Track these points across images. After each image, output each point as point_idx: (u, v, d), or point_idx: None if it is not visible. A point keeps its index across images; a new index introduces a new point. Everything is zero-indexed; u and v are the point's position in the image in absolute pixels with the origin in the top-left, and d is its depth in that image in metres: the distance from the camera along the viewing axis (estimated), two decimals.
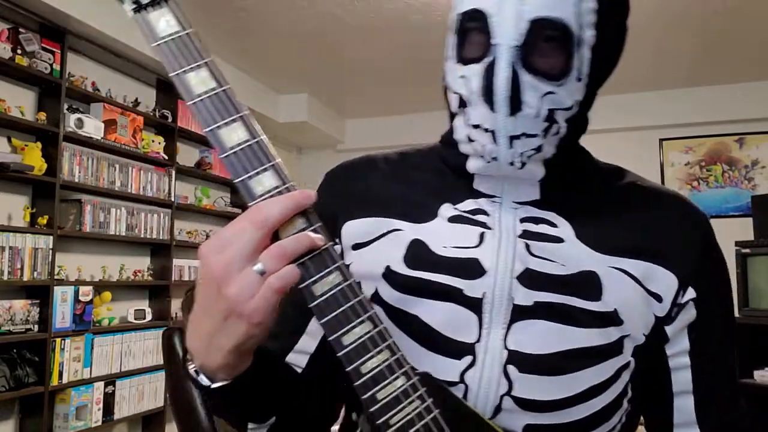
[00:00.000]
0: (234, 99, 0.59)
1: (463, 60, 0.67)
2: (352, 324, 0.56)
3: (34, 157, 3.30)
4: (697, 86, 5.13)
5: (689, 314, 0.70)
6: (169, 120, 4.34)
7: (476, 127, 0.67)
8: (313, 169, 6.73)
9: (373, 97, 5.49)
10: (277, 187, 0.57)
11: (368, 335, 0.57)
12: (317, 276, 0.56)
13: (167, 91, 4.41)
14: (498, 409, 0.64)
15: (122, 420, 3.80)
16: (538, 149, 0.67)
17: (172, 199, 4.31)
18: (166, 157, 4.27)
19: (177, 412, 1.05)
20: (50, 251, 3.33)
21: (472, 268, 0.67)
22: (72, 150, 3.57)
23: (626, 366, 0.67)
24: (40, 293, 3.31)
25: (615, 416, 0.67)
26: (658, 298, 0.68)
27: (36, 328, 3.26)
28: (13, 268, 3.15)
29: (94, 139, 3.62)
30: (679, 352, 0.70)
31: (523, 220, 0.70)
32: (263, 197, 0.57)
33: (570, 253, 0.68)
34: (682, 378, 0.70)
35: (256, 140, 0.58)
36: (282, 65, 4.78)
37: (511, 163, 0.67)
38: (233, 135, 0.58)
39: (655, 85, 5.15)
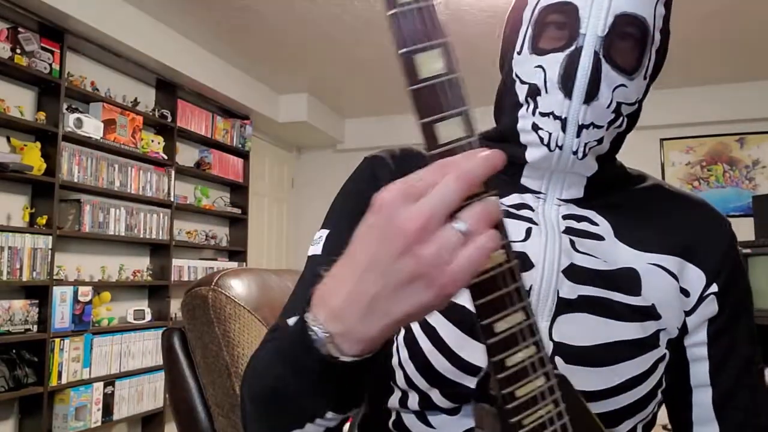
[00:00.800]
0: (437, 16, 0.49)
1: (540, 51, 0.70)
2: (509, 311, 0.50)
3: (33, 157, 3.29)
4: (698, 86, 5.13)
5: (710, 308, 0.73)
6: (169, 120, 4.33)
7: (545, 115, 0.70)
8: (313, 169, 6.75)
9: (373, 97, 5.48)
10: (467, 137, 0.48)
11: (520, 326, 0.51)
12: None
13: (167, 91, 4.41)
14: None
15: (122, 420, 3.80)
16: (600, 141, 0.70)
17: (172, 199, 4.30)
18: (166, 157, 4.26)
19: (176, 412, 1.04)
20: (49, 251, 3.32)
21: (520, 262, 0.67)
22: (71, 150, 3.57)
23: (662, 358, 0.70)
24: (40, 293, 3.31)
25: (650, 406, 0.70)
26: (686, 293, 0.72)
27: (35, 328, 3.26)
28: (12, 268, 3.14)
29: (93, 138, 3.62)
30: (696, 343, 0.73)
31: (565, 217, 0.73)
32: (446, 147, 0.47)
33: (610, 250, 0.71)
34: (699, 371, 0.73)
35: (455, 75, 0.48)
36: (282, 65, 4.77)
37: (575, 152, 0.70)
38: (433, 64, 0.47)
39: (655, 85, 5.12)
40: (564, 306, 0.68)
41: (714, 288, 0.73)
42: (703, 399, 0.73)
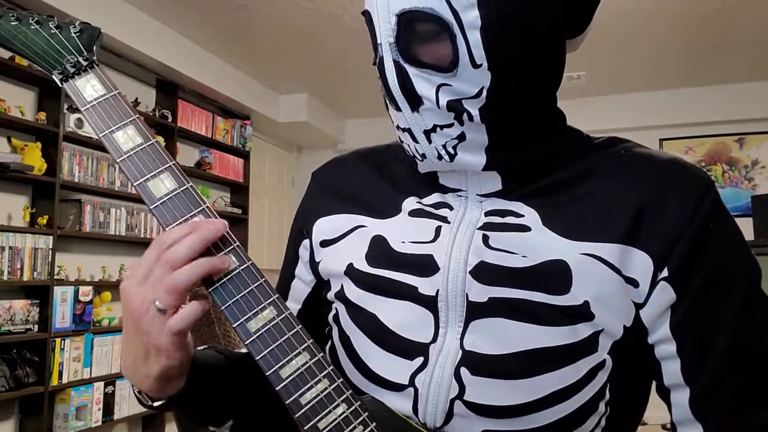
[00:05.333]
0: (162, 150, 0.62)
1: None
2: (290, 356, 0.57)
3: (34, 157, 3.30)
4: (697, 86, 5.13)
5: (665, 296, 0.61)
6: (169, 120, 4.33)
7: (399, 129, 0.66)
8: (313, 169, 6.71)
9: (373, 97, 5.48)
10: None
11: (306, 366, 0.58)
12: (251, 313, 0.58)
13: (167, 91, 4.41)
14: (450, 415, 0.61)
15: (122, 420, 3.80)
16: (461, 138, 0.62)
17: None
18: None
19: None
20: (50, 251, 3.33)
21: (426, 265, 0.65)
22: (72, 150, 3.57)
23: (601, 365, 0.61)
24: (40, 293, 3.31)
25: (589, 420, 0.61)
26: (635, 284, 0.61)
27: (36, 328, 3.26)
28: (13, 268, 3.15)
29: (94, 139, 3.62)
30: (661, 339, 0.62)
31: (488, 213, 0.66)
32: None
33: (535, 242, 0.63)
34: (671, 369, 0.61)
35: (184, 188, 0.61)
36: (282, 65, 4.77)
37: (439, 157, 0.64)
38: (161, 185, 0.60)
39: (655, 85, 5.15)
40: (475, 311, 0.62)
41: (665, 273, 0.60)
42: (680, 399, 0.61)
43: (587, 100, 5.31)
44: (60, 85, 0.65)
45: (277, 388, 0.57)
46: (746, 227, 3.83)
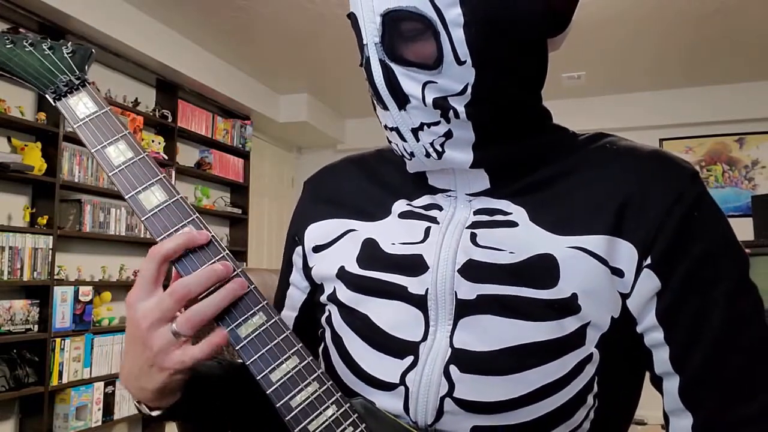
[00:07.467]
0: (152, 164, 0.64)
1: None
2: (279, 360, 0.59)
3: (34, 157, 3.30)
4: (697, 86, 5.13)
5: (650, 283, 0.61)
6: (169, 120, 4.34)
7: (386, 128, 0.67)
8: (313, 169, 6.65)
9: None
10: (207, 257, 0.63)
11: (296, 369, 0.59)
12: (241, 319, 0.59)
13: (167, 91, 4.42)
14: (440, 412, 0.62)
15: (122, 420, 3.81)
16: (448, 135, 0.63)
17: None
18: (166, 157, 4.26)
19: None
20: (50, 251, 3.33)
21: (416, 265, 0.66)
22: (72, 150, 3.57)
23: (589, 359, 0.61)
24: (40, 293, 3.31)
25: (578, 413, 0.61)
26: (620, 274, 0.62)
27: (36, 328, 3.26)
28: (13, 268, 3.15)
29: None
30: (649, 327, 0.62)
31: (477, 212, 0.67)
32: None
33: (523, 238, 0.64)
34: (661, 357, 0.62)
35: (174, 199, 0.63)
36: (282, 65, 4.78)
37: (427, 155, 0.65)
38: (152, 197, 0.63)
39: (654, 85, 5.16)
40: (464, 308, 0.63)
41: (648, 261, 0.61)
42: (671, 387, 0.61)
43: (587, 100, 5.32)
44: (53, 104, 0.67)
45: (267, 392, 0.58)
46: (746, 227, 3.83)
